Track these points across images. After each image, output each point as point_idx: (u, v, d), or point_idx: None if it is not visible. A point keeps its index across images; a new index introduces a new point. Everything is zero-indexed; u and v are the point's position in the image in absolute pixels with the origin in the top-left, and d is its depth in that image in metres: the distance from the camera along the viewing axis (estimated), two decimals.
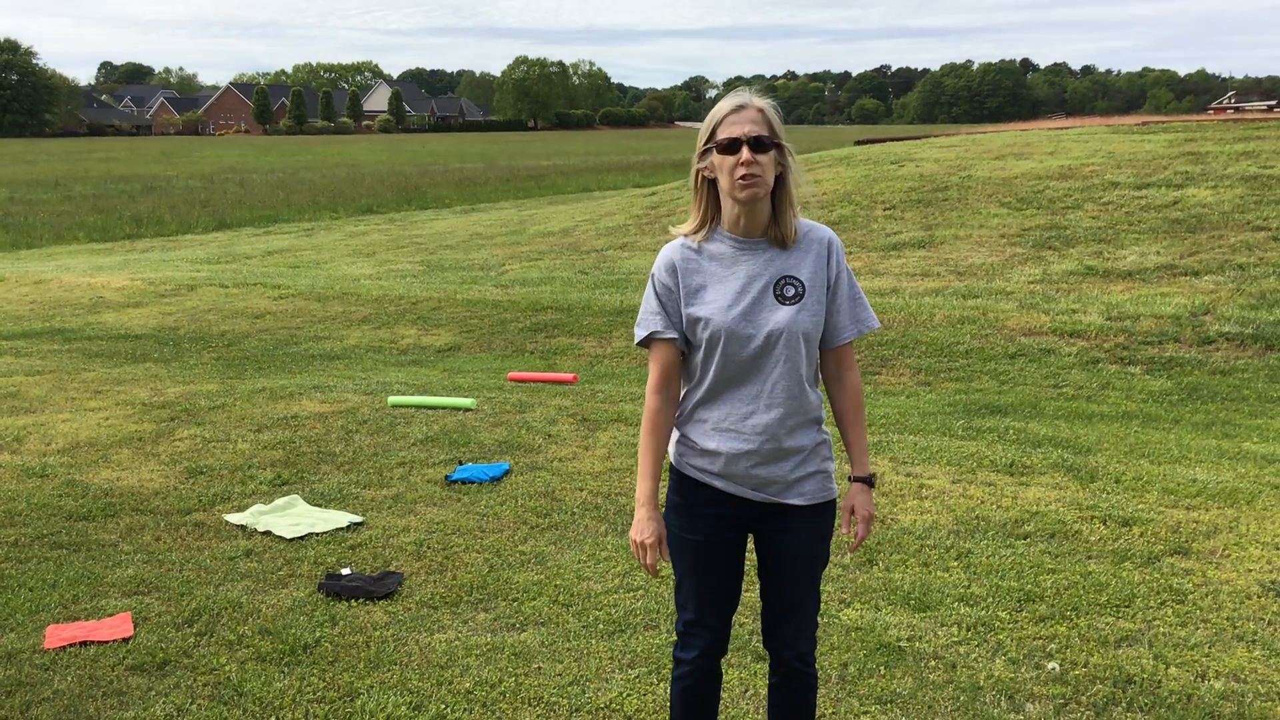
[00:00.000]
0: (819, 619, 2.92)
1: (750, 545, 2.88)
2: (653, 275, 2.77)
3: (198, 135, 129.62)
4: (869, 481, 2.83)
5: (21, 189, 35.78)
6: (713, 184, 2.71)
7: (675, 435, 2.83)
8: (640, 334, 2.78)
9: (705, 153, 2.68)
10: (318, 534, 5.19)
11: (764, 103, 2.66)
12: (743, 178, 2.59)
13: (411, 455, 6.42)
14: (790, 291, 2.68)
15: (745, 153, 2.58)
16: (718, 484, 2.76)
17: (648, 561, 2.75)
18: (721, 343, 2.67)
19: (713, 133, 2.66)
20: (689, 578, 2.83)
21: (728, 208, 2.70)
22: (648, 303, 2.77)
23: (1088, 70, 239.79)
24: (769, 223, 2.69)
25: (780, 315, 2.66)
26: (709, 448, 2.73)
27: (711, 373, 2.71)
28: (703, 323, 2.68)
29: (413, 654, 4.02)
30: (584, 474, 6.05)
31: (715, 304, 2.68)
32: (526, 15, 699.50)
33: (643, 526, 2.74)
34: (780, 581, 2.83)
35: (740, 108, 2.63)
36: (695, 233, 2.74)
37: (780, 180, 2.67)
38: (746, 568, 2.92)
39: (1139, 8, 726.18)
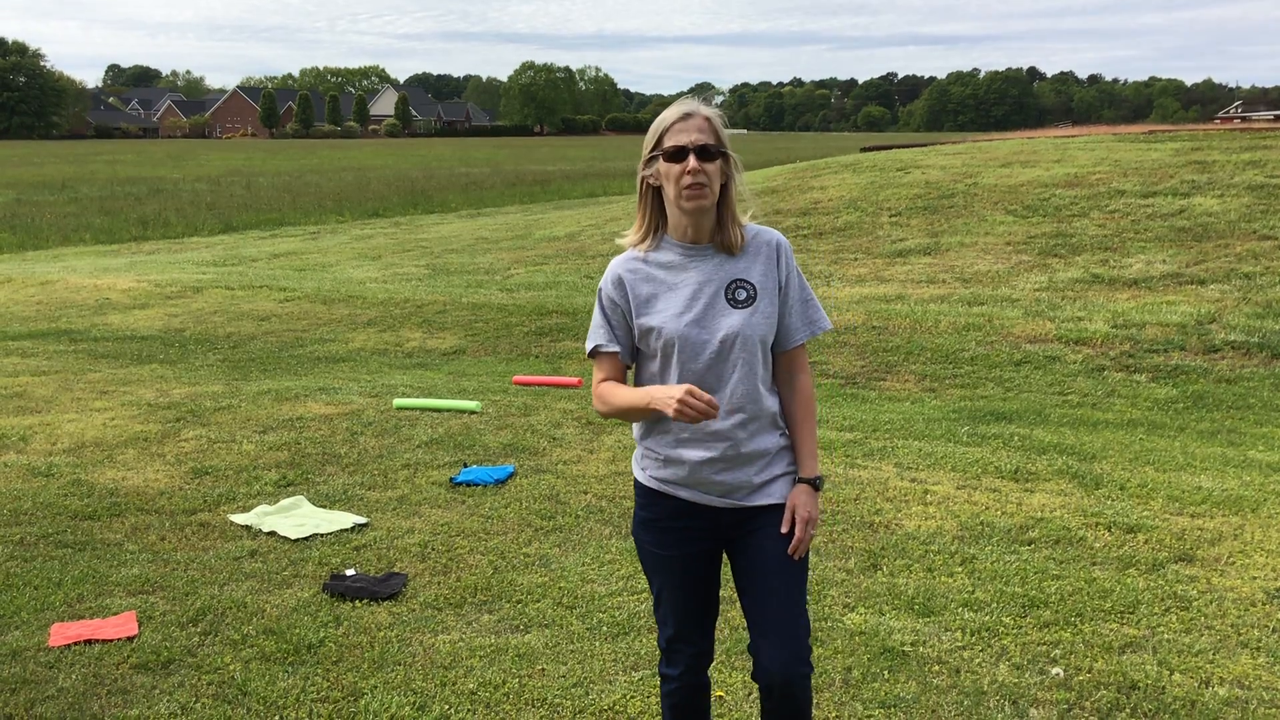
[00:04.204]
0: (818, 630, 2.84)
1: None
2: (600, 289, 2.75)
3: (204, 138, 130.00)
4: (814, 484, 2.73)
5: (28, 190, 35.88)
6: (658, 192, 2.69)
7: (638, 450, 2.80)
8: (588, 346, 2.78)
9: (651, 160, 2.65)
10: (322, 535, 5.20)
11: (710, 111, 2.64)
12: (689, 187, 2.58)
13: (416, 457, 6.43)
14: (742, 295, 2.65)
15: (692, 161, 2.56)
16: (683, 494, 2.72)
17: (701, 403, 2.45)
18: (676, 350, 2.64)
19: (659, 141, 2.63)
20: (665, 594, 2.80)
21: (674, 216, 2.68)
22: (595, 317, 2.76)
23: (1094, 79, 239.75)
24: (714, 230, 2.68)
25: (734, 319, 2.63)
26: (671, 456, 2.70)
27: (670, 382, 2.66)
28: (655, 332, 2.66)
29: (417, 655, 4.02)
30: (588, 477, 6.05)
31: (666, 312, 2.65)
32: (536, 20, 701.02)
33: (663, 394, 2.51)
34: (759, 589, 2.71)
35: (687, 116, 2.61)
36: (641, 240, 2.72)
37: (724, 189, 2.65)
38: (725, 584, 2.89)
39: (1150, 17, 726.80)
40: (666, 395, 2.50)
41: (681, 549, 2.75)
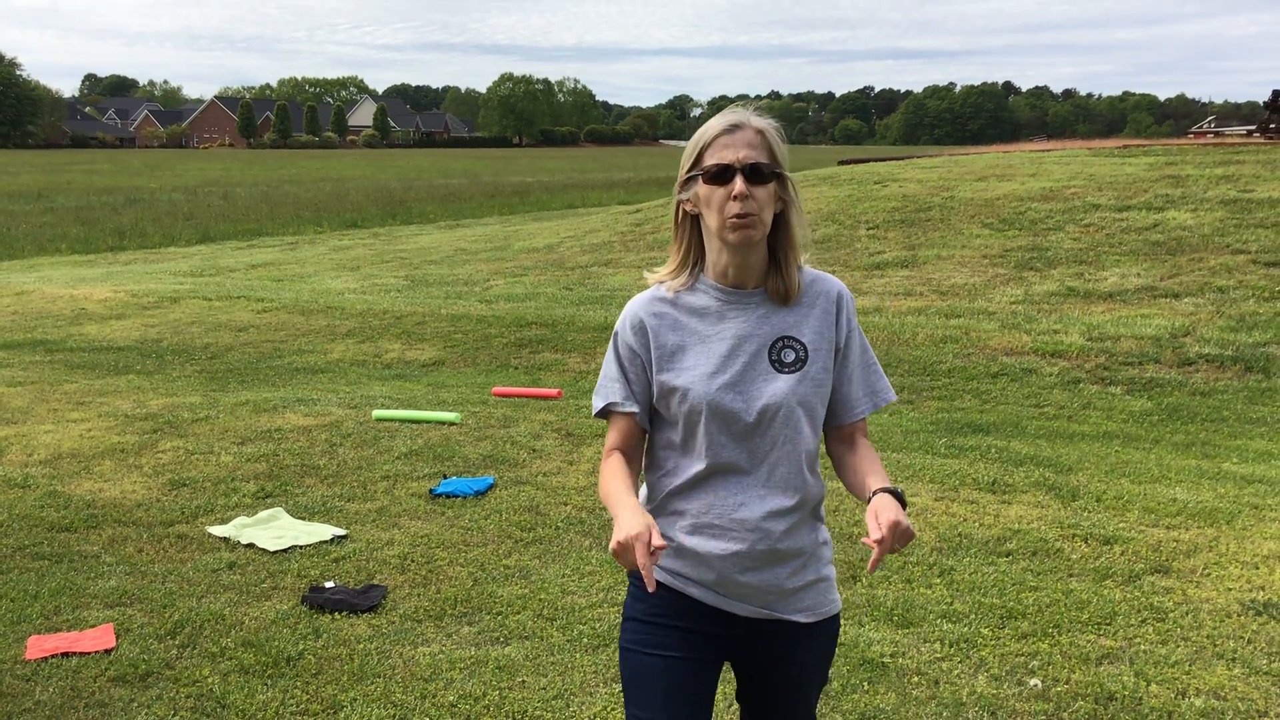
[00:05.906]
0: None
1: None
2: (616, 333, 2.24)
3: (182, 148, 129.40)
4: (893, 493, 2.09)
5: (4, 200, 35.61)
6: (697, 221, 2.19)
7: None
8: (597, 404, 2.26)
9: (689, 181, 2.15)
10: (301, 547, 5.18)
11: (764, 123, 2.14)
12: (736, 216, 2.08)
13: (396, 469, 6.41)
14: (790, 356, 2.16)
15: (739, 184, 2.06)
16: (694, 592, 2.20)
17: (642, 561, 1.93)
18: (704, 419, 2.15)
19: (698, 157, 2.13)
20: (650, 715, 2.17)
21: (713, 252, 2.17)
22: (608, 366, 2.25)
23: (1069, 94, 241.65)
24: (765, 272, 2.19)
25: (778, 385, 2.15)
26: (686, 547, 2.19)
27: (694, 456, 2.19)
28: (679, 394, 2.16)
29: (396, 667, 4.01)
30: (568, 489, 6.06)
31: (696, 371, 2.16)
32: (515, 32, 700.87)
33: (627, 523, 1.98)
34: (768, 711, 2.32)
35: (735, 128, 2.11)
36: (674, 278, 2.22)
37: (781, 219, 2.16)
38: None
39: (1124, 32, 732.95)
40: (621, 529, 1.98)
41: (681, 654, 2.20)
